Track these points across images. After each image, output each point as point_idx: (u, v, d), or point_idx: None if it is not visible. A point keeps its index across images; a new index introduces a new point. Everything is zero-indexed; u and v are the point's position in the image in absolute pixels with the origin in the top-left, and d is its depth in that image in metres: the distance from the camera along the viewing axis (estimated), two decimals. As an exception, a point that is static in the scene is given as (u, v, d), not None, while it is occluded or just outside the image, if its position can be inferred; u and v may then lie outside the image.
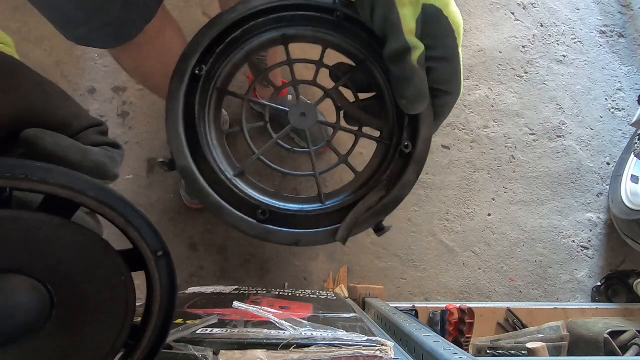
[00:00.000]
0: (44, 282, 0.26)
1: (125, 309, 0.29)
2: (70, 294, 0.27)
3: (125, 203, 0.29)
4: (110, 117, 1.21)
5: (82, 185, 0.27)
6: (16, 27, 1.23)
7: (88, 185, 0.27)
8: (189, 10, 1.28)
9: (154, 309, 0.31)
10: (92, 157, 0.33)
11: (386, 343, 0.39)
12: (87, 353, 0.28)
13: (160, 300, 0.32)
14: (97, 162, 0.33)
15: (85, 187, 0.27)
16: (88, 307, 0.28)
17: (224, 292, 0.75)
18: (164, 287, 0.32)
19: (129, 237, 0.30)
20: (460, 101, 1.32)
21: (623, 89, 1.40)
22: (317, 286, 1.15)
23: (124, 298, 0.29)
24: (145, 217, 0.30)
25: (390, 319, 0.71)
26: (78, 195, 0.27)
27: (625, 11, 1.48)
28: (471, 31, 1.39)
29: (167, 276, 0.32)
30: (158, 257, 0.31)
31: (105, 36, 0.62)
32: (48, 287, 0.27)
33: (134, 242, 0.30)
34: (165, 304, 0.32)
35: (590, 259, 1.25)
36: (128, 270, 0.30)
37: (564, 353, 0.92)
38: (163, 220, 1.15)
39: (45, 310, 0.27)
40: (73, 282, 0.27)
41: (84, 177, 0.27)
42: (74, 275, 0.27)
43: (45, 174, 0.25)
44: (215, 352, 0.37)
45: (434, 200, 1.24)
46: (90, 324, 0.28)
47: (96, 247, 0.28)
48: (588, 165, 1.32)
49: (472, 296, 1.20)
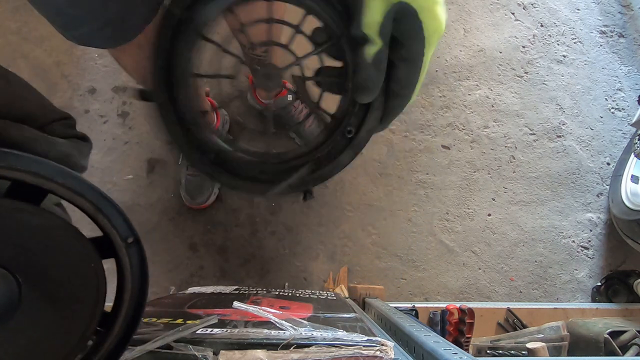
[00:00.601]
0: (11, 271, 0.26)
1: (95, 297, 0.29)
2: (39, 282, 0.27)
3: (94, 190, 0.28)
4: (110, 117, 1.21)
5: (50, 171, 0.26)
6: (16, 27, 1.23)
7: (56, 172, 0.27)
8: (189, 10, 1.28)
9: (124, 296, 0.31)
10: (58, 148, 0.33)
11: (386, 343, 0.39)
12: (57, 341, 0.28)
13: (131, 288, 0.31)
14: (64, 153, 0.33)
15: (53, 173, 0.26)
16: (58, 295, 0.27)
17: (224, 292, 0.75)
18: (134, 274, 0.31)
19: (99, 224, 0.29)
20: (460, 101, 1.32)
21: (623, 89, 1.40)
22: (317, 286, 1.15)
23: (94, 286, 0.29)
24: (115, 204, 0.29)
25: (390, 319, 0.71)
26: (46, 181, 0.26)
27: (625, 11, 1.48)
28: (471, 31, 1.39)
29: (138, 263, 0.31)
30: (128, 244, 0.30)
31: (105, 36, 0.62)
32: (16, 276, 0.26)
33: (104, 229, 0.29)
34: (136, 292, 0.32)
35: (590, 259, 1.25)
36: (98, 257, 0.29)
37: (564, 353, 0.92)
38: (163, 220, 1.15)
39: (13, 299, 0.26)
40: (42, 269, 0.27)
41: (52, 164, 0.27)
42: (42, 262, 0.27)
43: (13, 160, 0.25)
44: (215, 352, 0.37)
45: (434, 200, 1.24)
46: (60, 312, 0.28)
47: (65, 234, 0.27)
48: (588, 165, 1.32)
49: (472, 296, 1.20)
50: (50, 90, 1.20)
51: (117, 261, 0.31)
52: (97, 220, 0.29)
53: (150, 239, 1.14)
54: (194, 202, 1.12)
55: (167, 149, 1.19)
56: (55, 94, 1.20)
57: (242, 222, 1.17)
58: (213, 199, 1.15)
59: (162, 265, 1.13)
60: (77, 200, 0.28)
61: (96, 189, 0.29)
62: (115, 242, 0.30)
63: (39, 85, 1.37)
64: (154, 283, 1.12)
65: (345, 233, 1.19)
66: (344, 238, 1.19)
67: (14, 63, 1.20)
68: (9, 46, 1.22)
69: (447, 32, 1.37)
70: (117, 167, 1.18)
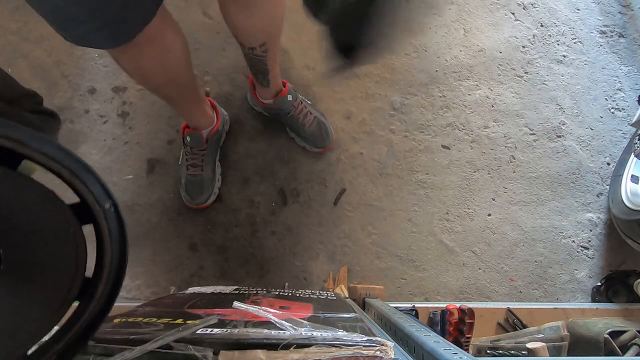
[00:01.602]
0: None
1: (75, 262, 0.29)
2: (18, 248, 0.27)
3: (69, 155, 0.28)
4: (110, 117, 1.21)
5: (25, 136, 0.26)
6: (16, 27, 1.23)
7: (31, 137, 0.26)
8: (189, 10, 1.28)
9: (105, 260, 0.31)
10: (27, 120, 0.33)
11: (386, 343, 0.39)
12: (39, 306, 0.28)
13: (111, 252, 0.31)
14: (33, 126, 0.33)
15: (27, 138, 0.26)
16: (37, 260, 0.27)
17: (224, 292, 0.75)
18: (113, 238, 0.31)
19: (75, 189, 0.29)
20: (460, 101, 1.32)
21: (623, 89, 1.40)
22: (317, 286, 1.15)
23: (74, 250, 0.29)
24: (92, 170, 0.29)
25: (390, 319, 0.71)
26: (21, 146, 0.26)
27: (625, 11, 1.47)
28: (471, 31, 1.39)
29: (117, 228, 0.31)
30: (106, 208, 0.30)
31: (104, 36, 0.62)
32: None
33: (81, 195, 0.29)
34: (116, 256, 0.32)
35: (590, 259, 1.26)
36: (77, 222, 0.29)
37: (564, 353, 0.91)
38: (163, 220, 1.15)
39: None
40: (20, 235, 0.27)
41: (27, 129, 0.26)
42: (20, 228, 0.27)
43: None
44: (215, 352, 0.37)
45: (434, 200, 1.24)
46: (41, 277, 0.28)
47: (43, 199, 0.27)
48: (588, 165, 1.32)
49: (472, 296, 1.20)
50: (50, 90, 1.20)
51: (96, 227, 0.31)
52: (74, 185, 0.29)
53: (150, 239, 1.14)
54: (193, 202, 1.12)
55: (167, 149, 1.19)
56: (55, 94, 1.20)
57: (242, 222, 1.17)
58: (213, 199, 1.15)
59: (162, 265, 1.13)
60: (53, 166, 0.27)
61: (71, 153, 0.28)
62: (92, 207, 0.30)
63: (39, 85, 1.37)
64: (154, 283, 1.12)
65: (345, 233, 1.19)
66: (344, 238, 1.19)
67: (14, 63, 1.20)
68: (9, 46, 1.22)
69: (447, 32, 1.37)
70: (117, 167, 1.18)
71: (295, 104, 1.12)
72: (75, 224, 0.29)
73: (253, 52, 0.90)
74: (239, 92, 1.24)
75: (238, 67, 1.24)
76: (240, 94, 1.23)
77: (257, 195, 1.19)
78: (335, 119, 1.24)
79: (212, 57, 1.25)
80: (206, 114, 1.07)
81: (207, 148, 1.10)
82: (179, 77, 0.85)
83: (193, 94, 0.98)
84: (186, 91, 0.93)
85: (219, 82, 1.25)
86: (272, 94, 1.09)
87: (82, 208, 0.30)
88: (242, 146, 1.21)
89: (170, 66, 0.80)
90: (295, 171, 1.21)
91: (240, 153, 1.21)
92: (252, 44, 0.88)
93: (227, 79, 1.25)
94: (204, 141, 1.08)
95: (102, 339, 0.37)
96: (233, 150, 1.21)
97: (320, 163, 1.22)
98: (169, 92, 0.90)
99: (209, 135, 1.09)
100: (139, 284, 1.12)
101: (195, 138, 1.07)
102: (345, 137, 1.25)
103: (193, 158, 1.10)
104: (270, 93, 1.08)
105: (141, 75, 0.82)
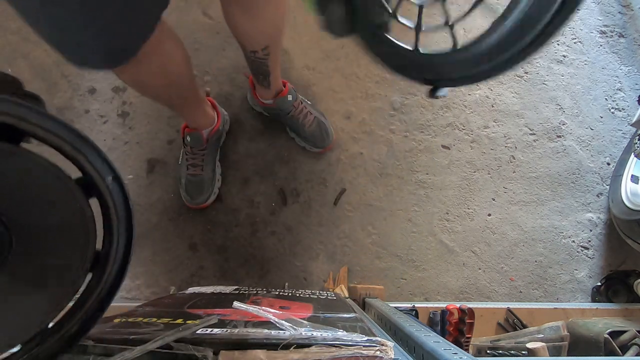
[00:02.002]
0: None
1: (85, 234, 0.29)
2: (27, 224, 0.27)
3: (70, 129, 0.28)
4: (110, 117, 1.21)
5: (24, 112, 0.26)
6: (16, 27, 1.23)
7: (31, 113, 0.26)
8: (189, 10, 1.28)
9: (113, 231, 0.31)
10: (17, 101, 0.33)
11: (386, 343, 0.39)
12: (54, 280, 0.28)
13: (118, 223, 0.31)
14: None
15: (28, 114, 0.26)
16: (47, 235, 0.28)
17: (224, 292, 0.75)
18: (119, 209, 0.31)
19: (77, 164, 0.29)
20: (460, 101, 1.32)
21: (623, 89, 1.40)
22: (317, 286, 1.15)
23: (83, 223, 0.29)
24: (94, 144, 0.29)
25: (390, 319, 0.71)
26: (22, 122, 0.26)
27: (625, 11, 1.47)
28: (471, 31, 1.38)
29: (121, 199, 0.31)
30: (109, 181, 0.30)
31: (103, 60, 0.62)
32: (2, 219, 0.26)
33: (83, 169, 0.29)
34: (123, 226, 0.32)
35: (590, 259, 1.26)
36: (83, 195, 0.29)
37: (564, 353, 0.92)
38: (163, 220, 1.15)
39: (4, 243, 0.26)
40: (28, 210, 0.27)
41: (27, 105, 0.26)
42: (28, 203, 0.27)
43: None
44: (215, 352, 0.37)
45: (434, 200, 1.24)
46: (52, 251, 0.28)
47: (48, 173, 0.27)
48: (588, 165, 1.32)
49: (472, 296, 1.20)
50: (50, 90, 1.20)
51: (100, 200, 0.31)
52: (76, 159, 0.29)
53: (150, 239, 1.14)
54: (193, 202, 1.12)
55: (167, 148, 1.19)
56: (55, 94, 1.20)
57: (242, 222, 1.17)
58: (213, 199, 1.15)
59: (162, 265, 1.13)
60: (54, 140, 0.27)
61: (72, 128, 0.28)
62: (96, 181, 0.30)
63: (39, 85, 1.37)
64: (154, 283, 1.12)
65: (345, 233, 1.19)
66: (344, 238, 1.19)
67: (14, 63, 1.20)
68: (9, 46, 1.22)
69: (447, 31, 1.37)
70: (117, 167, 1.17)
71: (295, 104, 1.12)
72: (81, 197, 0.29)
73: (255, 55, 0.90)
74: (239, 92, 1.24)
75: (238, 67, 1.24)
76: (240, 94, 1.23)
77: (257, 195, 1.19)
78: (335, 119, 1.24)
79: (212, 57, 1.25)
80: (207, 114, 1.07)
81: (207, 148, 1.10)
82: (179, 84, 0.86)
83: (194, 97, 0.98)
84: (187, 95, 0.94)
85: (219, 82, 1.25)
86: (273, 94, 1.09)
87: (85, 182, 0.30)
88: (242, 146, 1.21)
89: (171, 76, 0.80)
90: (295, 171, 1.21)
91: (240, 153, 1.21)
92: (255, 47, 0.88)
93: (227, 79, 1.25)
94: (204, 141, 1.08)
95: (102, 339, 0.37)
96: (233, 150, 1.21)
97: (320, 163, 1.22)
98: (169, 98, 0.91)
99: (209, 135, 1.09)
100: (139, 284, 1.12)
101: (195, 138, 1.07)
102: (345, 137, 1.25)
103: (193, 158, 1.10)
104: (271, 93, 1.08)
105: (142, 87, 0.83)
